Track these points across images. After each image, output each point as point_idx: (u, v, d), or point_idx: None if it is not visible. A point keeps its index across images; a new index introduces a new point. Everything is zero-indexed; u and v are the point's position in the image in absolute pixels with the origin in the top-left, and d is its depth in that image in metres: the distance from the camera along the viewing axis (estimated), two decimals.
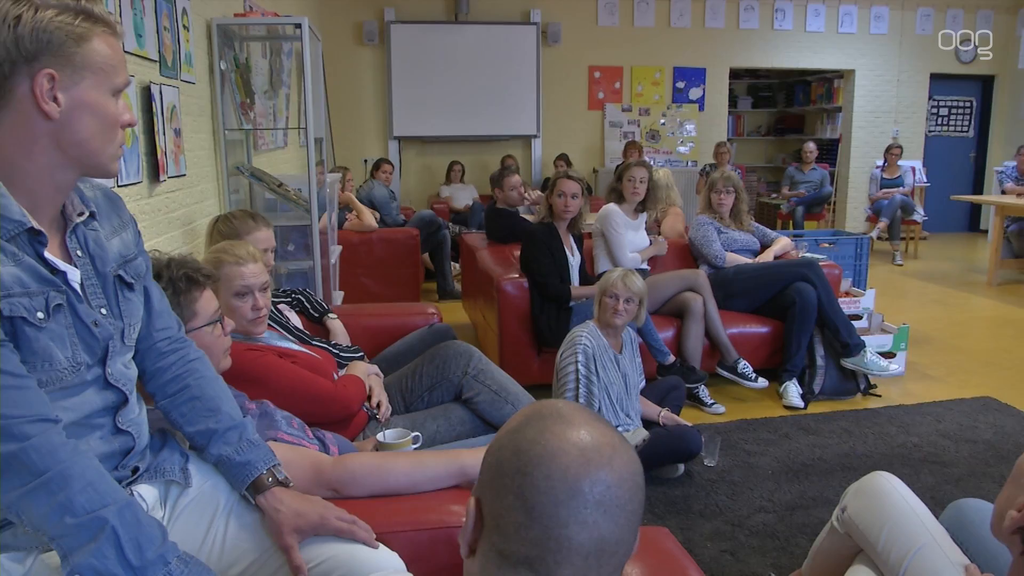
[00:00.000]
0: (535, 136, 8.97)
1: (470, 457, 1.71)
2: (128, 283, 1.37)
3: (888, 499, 1.62)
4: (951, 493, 3.04)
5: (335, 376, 2.36)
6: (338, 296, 4.67)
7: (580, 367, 2.99)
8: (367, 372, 2.50)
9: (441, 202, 7.90)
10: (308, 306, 3.04)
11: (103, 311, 1.30)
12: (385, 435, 2.07)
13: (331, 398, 2.22)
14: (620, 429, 3.04)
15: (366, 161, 8.30)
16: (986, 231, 9.36)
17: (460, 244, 5.62)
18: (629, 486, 0.76)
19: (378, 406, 2.41)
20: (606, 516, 0.74)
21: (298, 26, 3.75)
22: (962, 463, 3.34)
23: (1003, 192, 8.04)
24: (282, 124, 5.32)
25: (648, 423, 3.25)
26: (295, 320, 2.85)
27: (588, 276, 4.12)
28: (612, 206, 4.35)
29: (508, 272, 4.08)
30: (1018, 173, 8.02)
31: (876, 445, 3.55)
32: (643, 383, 3.36)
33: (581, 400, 2.98)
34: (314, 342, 2.67)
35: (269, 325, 2.38)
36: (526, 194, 5.50)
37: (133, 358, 1.42)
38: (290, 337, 2.53)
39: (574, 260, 4.01)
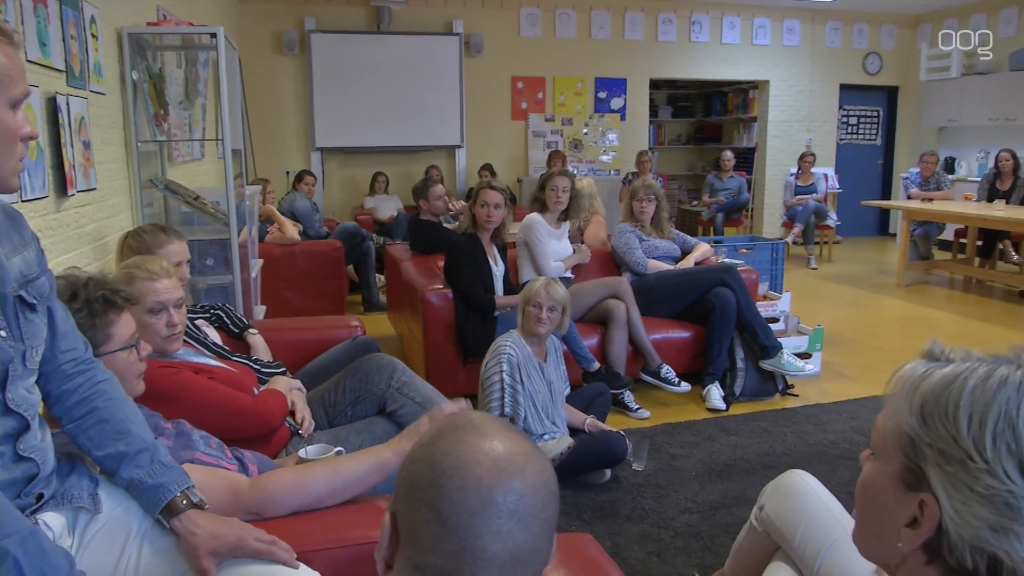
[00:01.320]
0: (459, 146, 8.97)
1: (387, 450, 1.71)
2: (30, 304, 1.32)
3: (803, 497, 1.67)
4: None
5: (255, 391, 2.31)
6: (260, 311, 4.58)
7: (505, 376, 2.99)
8: (289, 387, 2.46)
9: (365, 213, 7.82)
10: (228, 321, 2.97)
11: (2, 333, 1.25)
12: (307, 451, 2.04)
13: (251, 412, 2.17)
14: (546, 437, 3.06)
15: (288, 172, 8.17)
16: (894, 235, 9.76)
17: (384, 256, 5.58)
18: (543, 495, 0.76)
19: (301, 421, 2.37)
20: (520, 525, 0.74)
21: (213, 35, 3.68)
22: None
23: (909, 197, 8.41)
24: (198, 135, 5.19)
25: (574, 430, 3.28)
26: (214, 336, 2.78)
27: (512, 285, 4.13)
28: (535, 215, 4.38)
29: (432, 283, 4.07)
30: (922, 179, 8.40)
31: (794, 443, 3.66)
32: (568, 391, 3.39)
33: (507, 410, 2.99)
34: (234, 357, 2.61)
35: (185, 342, 2.32)
36: (450, 204, 5.50)
37: (36, 381, 1.36)
38: (208, 353, 2.47)
39: (498, 270, 4.03)
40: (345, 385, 2.51)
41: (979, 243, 7.84)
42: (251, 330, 2.97)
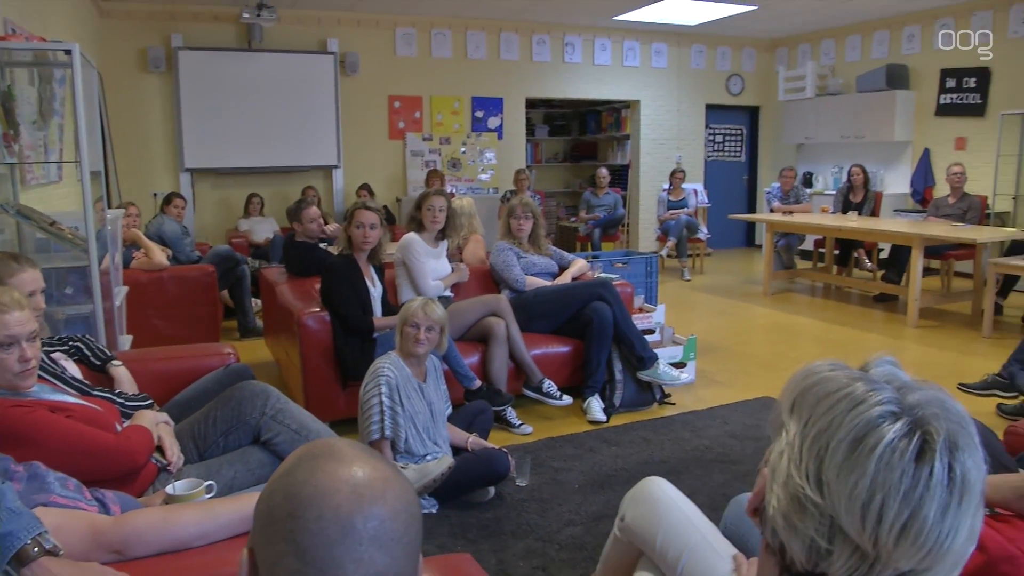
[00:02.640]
0: (336, 166, 8.85)
1: None
2: None
3: (659, 504, 1.72)
4: (739, 489, 3.27)
5: (118, 427, 2.20)
6: (126, 341, 4.36)
7: (384, 399, 2.96)
8: (155, 421, 2.35)
9: (240, 236, 7.60)
10: (88, 353, 2.81)
11: None
12: (175, 487, 1.96)
13: (113, 451, 2.06)
14: (428, 458, 3.05)
15: (156, 195, 7.84)
16: (760, 246, 10.25)
17: (260, 279, 5.43)
18: (404, 518, 0.76)
19: (169, 456, 2.27)
20: (382, 551, 0.73)
21: (68, 52, 3.49)
22: (748, 460, 3.62)
23: (771, 210, 8.86)
24: (55, 157, 4.91)
25: (457, 449, 3.27)
26: (73, 370, 2.63)
27: (391, 306, 4.10)
28: (412, 235, 4.37)
29: (309, 306, 3.98)
30: (783, 193, 8.87)
31: (672, 450, 3.77)
32: (450, 410, 3.39)
33: (387, 432, 2.96)
34: (95, 392, 2.47)
35: (40, 377, 2.18)
36: (324, 228, 5.41)
37: None
38: (65, 389, 2.33)
39: (376, 291, 3.99)
40: (216, 415, 2.42)
41: (836, 252, 8.35)
42: (114, 362, 2.82)
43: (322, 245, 5.23)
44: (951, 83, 8.89)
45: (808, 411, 0.83)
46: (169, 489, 1.95)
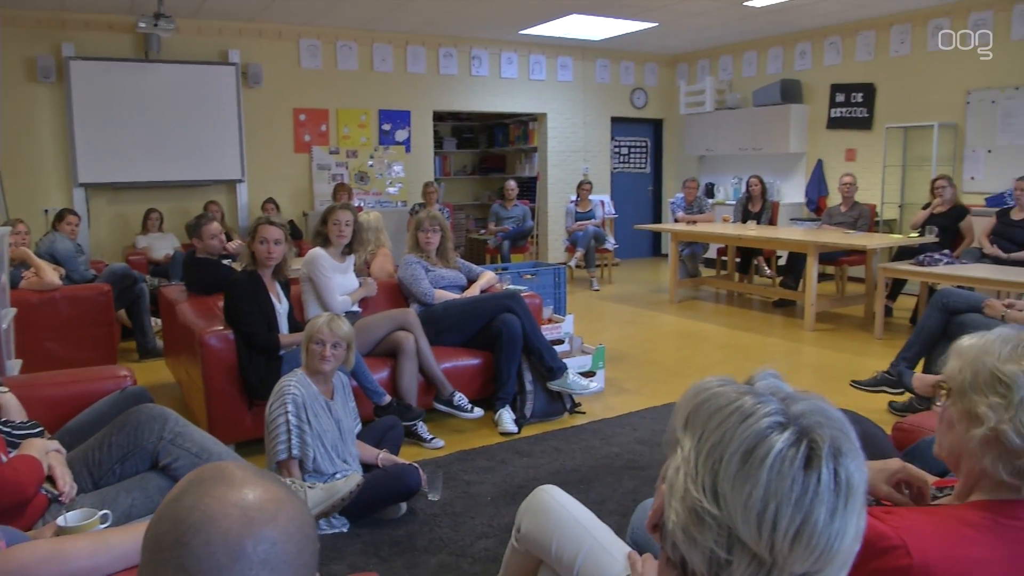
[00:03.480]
0: (240, 180, 8.64)
1: None
2: None
3: (552, 512, 1.74)
4: (648, 494, 3.34)
5: (4, 458, 2.09)
6: (14, 365, 4.15)
7: (291, 417, 2.90)
8: (45, 449, 2.24)
9: (138, 253, 7.33)
10: None
11: None
12: (67, 518, 1.87)
13: None
14: (337, 476, 3.00)
15: (47, 212, 7.48)
16: (666, 255, 10.47)
17: (159, 298, 5.25)
18: (297, 540, 0.75)
19: (60, 486, 2.17)
20: (274, 574, 0.72)
21: None
22: (657, 466, 3.65)
23: (676, 220, 9.09)
24: None
25: (368, 466, 3.23)
26: None
27: (298, 322, 4.03)
28: (318, 250, 4.30)
29: (211, 324, 3.87)
30: (686, 203, 9.11)
31: (583, 459, 3.81)
32: (359, 427, 3.34)
33: (294, 451, 2.90)
34: None
35: None
36: (229, 243, 5.27)
37: None
38: None
39: (281, 307, 3.91)
40: (111, 441, 2.32)
41: (738, 260, 8.63)
42: (0, 388, 2.69)
43: (225, 262, 5.10)
44: (840, 98, 9.34)
45: (701, 426, 0.86)
46: (60, 521, 1.86)
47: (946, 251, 6.24)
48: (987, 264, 6.17)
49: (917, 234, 7.01)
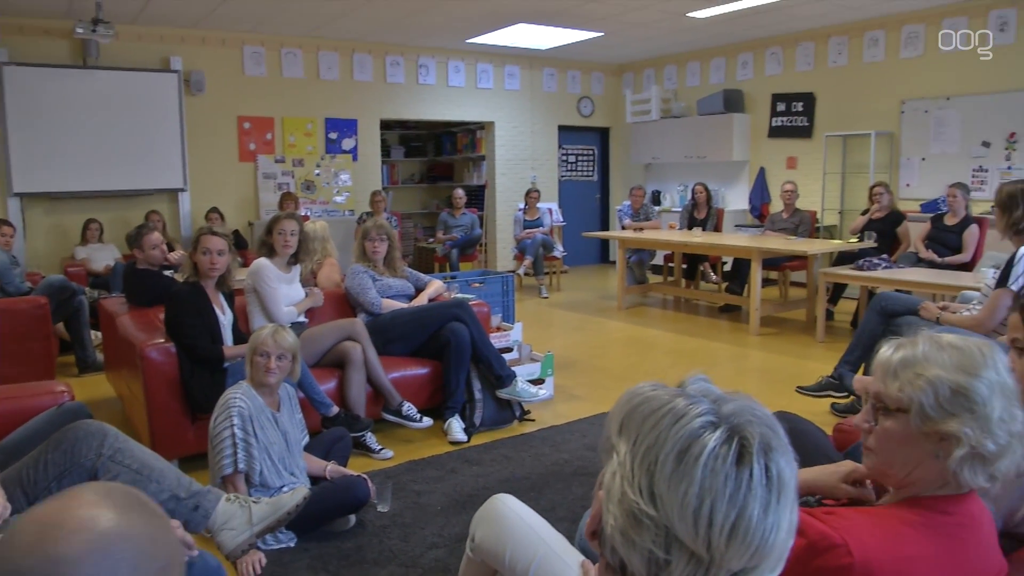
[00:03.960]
0: (182, 190, 8.49)
1: None
2: None
3: (506, 520, 1.75)
4: None
5: None
6: None
7: (236, 431, 2.85)
8: None
9: (77, 265, 7.14)
10: None
11: None
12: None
13: None
14: (285, 489, 2.96)
15: None
16: (614, 262, 10.57)
17: (99, 310, 5.11)
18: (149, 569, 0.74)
19: None
20: None
21: None
22: None
23: (623, 228, 9.19)
24: None
25: (316, 479, 3.19)
26: None
27: (242, 334, 3.96)
28: (263, 260, 4.24)
29: (153, 337, 3.79)
30: (633, 211, 9.21)
31: (533, 466, 3.82)
32: (306, 439, 3.30)
33: (240, 465, 2.85)
34: None
35: None
36: (171, 253, 5.17)
37: None
38: None
39: (225, 319, 3.84)
40: (47, 459, 2.25)
41: (684, 266, 8.75)
42: None
43: (167, 273, 4.99)
44: (781, 107, 9.54)
45: (636, 430, 0.87)
46: None
47: (884, 256, 6.41)
48: (923, 268, 6.35)
49: (856, 239, 7.20)
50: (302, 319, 4.36)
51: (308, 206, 9.17)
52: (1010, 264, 3.59)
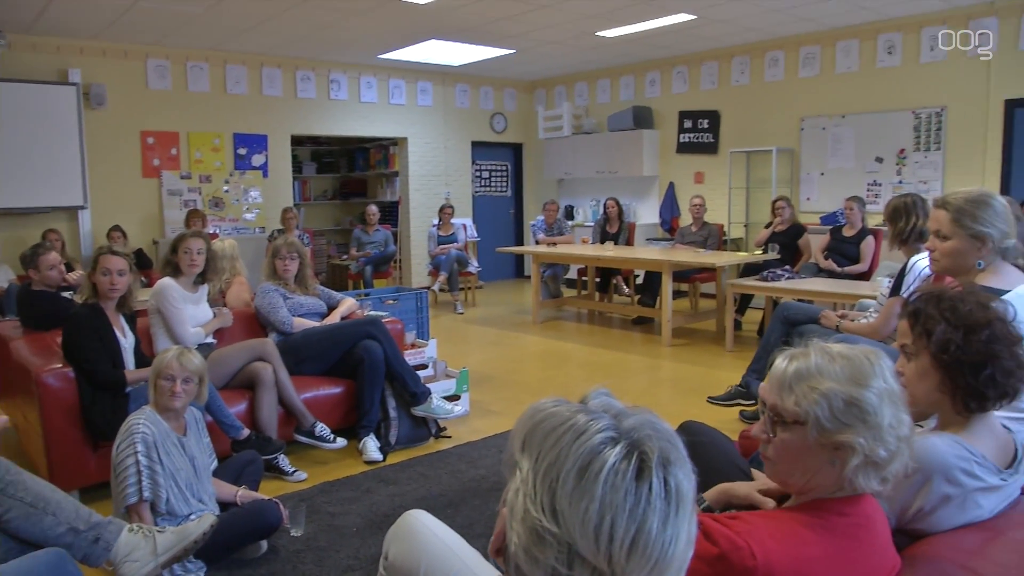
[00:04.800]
0: (82, 207, 8.15)
1: None
2: None
3: (420, 537, 1.74)
4: None
5: None
6: None
7: (140, 458, 2.75)
8: None
9: None
10: None
11: None
12: None
13: None
14: (192, 517, 2.86)
15: None
16: (529, 277, 10.65)
17: None
18: None
19: None
20: None
21: None
22: None
23: (537, 242, 9.27)
24: None
25: (226, 505, 3.10)
26: None
27: (146, 357, 3.82)
28: (167, 280, 4.11)
29: (50, 362, 3.61)
30: (546, 225, 9.31)
31: (450, 483, 3.80)
32: (215, 463, 3.21)
33: (145, 494, 2.74)
34: None
35: None
36: (69, 274, 4.96)
37: None
38: None
39: (127, 342, 3.70)
40: None
41: (597, 280, 8.88)
42: None
43: (65, 294, 4.78)
44: (688, 123, 9.82)
45: (538, 447, 0.88)
46: None
47: (787, 267, 6.66)
48: (823, 278, 6.62)
49: (761, 251, 7.45)
50: (210, 340, 4.24)
51: (216, 223, 8.93)
52: (902, 273, 3.77)
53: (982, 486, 1.57)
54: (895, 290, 3.78)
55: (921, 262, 3.55)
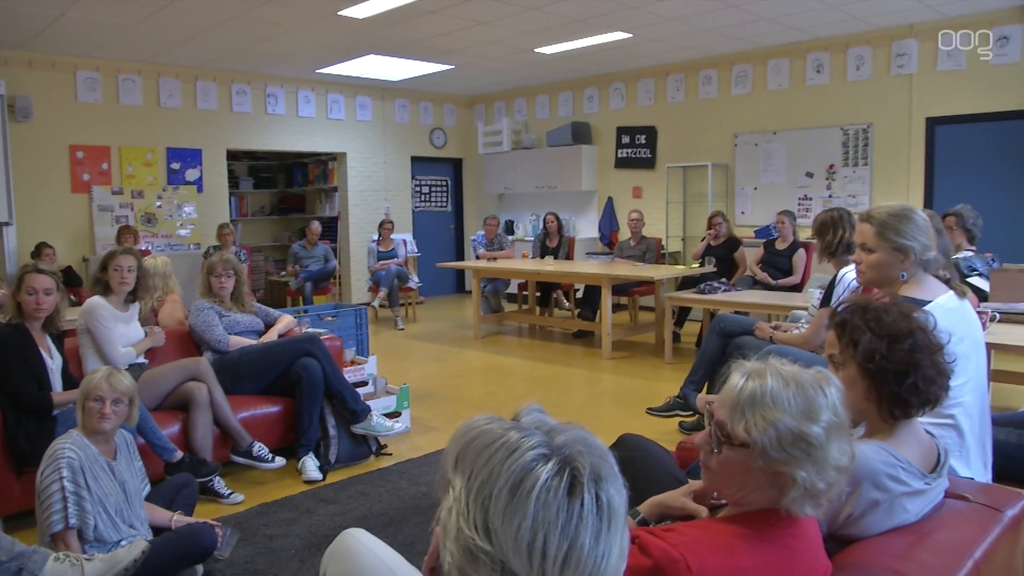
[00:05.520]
0: (7, 223, 7.86)
1: None
2: None
3: (358, 556, 1.71)
4: None
5: None
6: None
7: (66, 483, 2.65)
8: None
9: None
10: None
11: None
12: None
13: None
14: (122, 544, 2.77)
15: None
16: (470, 292, 10.65)
17: None
18: None
19: None
20: None
21: None
22: None
23: (477, 257, 9.28)
24: None
25: (160, 529, 3.01)
26: None
27: (75, 379, 3.70)
28: (97, 299, 3.99)
29: None
30: (487, 240, 9.33)
31: (391, 501, 3.77)
32: (147, 488, 3.11)
33: (71, 521, 2.65)
34: None
35: None
36: None
37: None
38: None
39: (53, 363, 3.57)
40: None
41: (538, 294, 8.93)
42: None
43: None
44: (626, 139, 9.97)
45: (470, 465, 0.88)
46: None
47: (723, 280, 6.79)
48: (758, 290, 6.77)
49: (698, 265, 7.59)
50: (141, 360, 4.13)
51: (149, 240, 8.72)
52: (832, 285, 3.88)
53: (908, 491, 1.62)
54: (825, 301, 3.88)
55: (850, 274, 3.66)
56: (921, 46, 7.41)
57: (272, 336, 4.52)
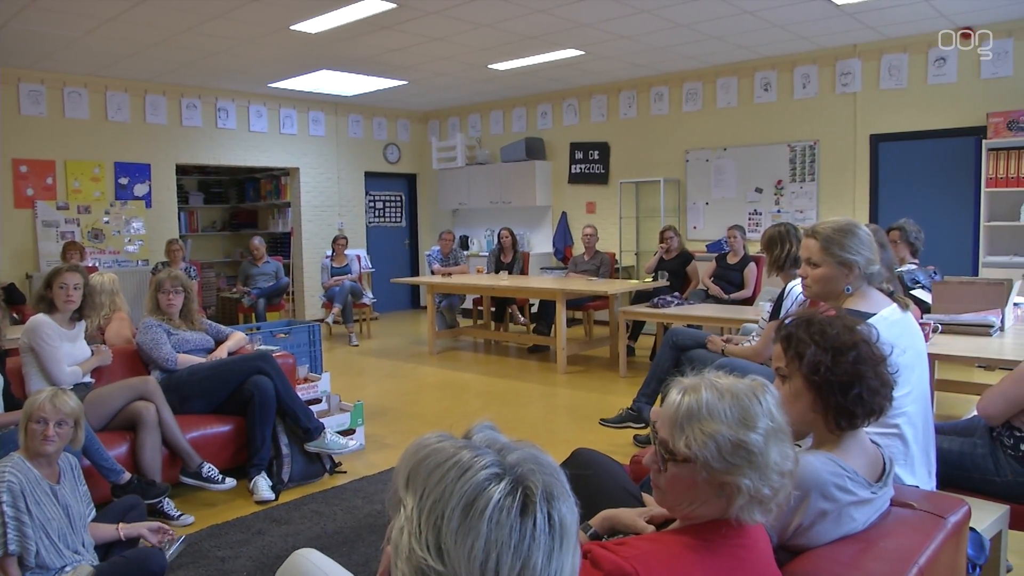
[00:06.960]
0: None
1: None
2: None
3: None
4: None
5: None
6: None
7: (6, 508, 2.57)
8: None
9: None
10: None
11: None
12: None
13: None
14: (67, 570, 2.69)
15: None
16: (425, 307, 10.62)
17: None
18: None
19: None
20: None
21: None
22: None
23: (432, 272, 9.26)
24: None
25: (110, 546, 2.93)
26: None
27: (17, 399, 3.60)
28: (41, 317, 3.89)
29: None
30: (442, 255, 9.32)
31: (345, 520, 3.72)
32: (93, 513, 3.03)
33: (11, 547, 2.57)
34: None
35: None
36: None
37: None
38: None
39: None
40: None
41: (493, 309, 8.93)
42: None
43: None
44: (579, 155, 10.05)
45: (422, 484, 0.88)
46: None
47: (676, 293, 6.87)
48: (710, 304, 6.86)
49: (651, 279, 7.66)
50: (87, 379, 4.03)
51: (96, 256, 8.53)
52: (781, 298, 3.95)
53: (855, 500, 1.66)
54: (774, 314, 3.95)
55: (797, 287, 3.73)
56: (864, 65, 7.62)
57: (222, 353, 4.44)
